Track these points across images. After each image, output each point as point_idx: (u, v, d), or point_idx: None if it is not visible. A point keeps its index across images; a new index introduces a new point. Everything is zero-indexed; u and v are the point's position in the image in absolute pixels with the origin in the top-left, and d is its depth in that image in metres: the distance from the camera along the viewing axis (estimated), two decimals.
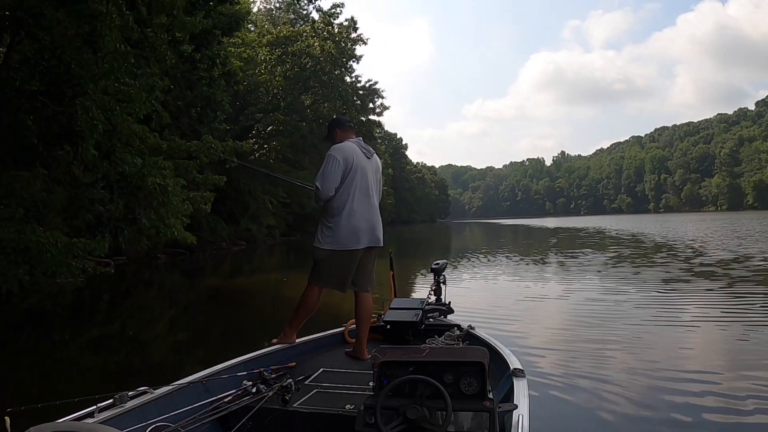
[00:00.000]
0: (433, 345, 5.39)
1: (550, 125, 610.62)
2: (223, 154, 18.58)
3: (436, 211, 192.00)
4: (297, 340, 5.71)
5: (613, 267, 19.99)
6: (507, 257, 26.59)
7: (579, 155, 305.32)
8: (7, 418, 2.62)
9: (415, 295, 7.56)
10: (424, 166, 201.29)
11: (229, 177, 24.95)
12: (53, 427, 2.46)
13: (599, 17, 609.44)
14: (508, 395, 4.00)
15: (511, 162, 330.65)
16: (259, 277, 23.22)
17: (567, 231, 59.61)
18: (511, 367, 4.38)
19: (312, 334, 6.11)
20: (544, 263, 23.87)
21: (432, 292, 7.23)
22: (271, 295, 17.30)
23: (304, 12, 61.88)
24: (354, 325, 5.84)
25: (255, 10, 50.95)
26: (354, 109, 53.45)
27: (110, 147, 16.43)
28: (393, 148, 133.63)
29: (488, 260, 24.73)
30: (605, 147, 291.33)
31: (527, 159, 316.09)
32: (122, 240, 19.35)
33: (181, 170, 18.51)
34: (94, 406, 3.39)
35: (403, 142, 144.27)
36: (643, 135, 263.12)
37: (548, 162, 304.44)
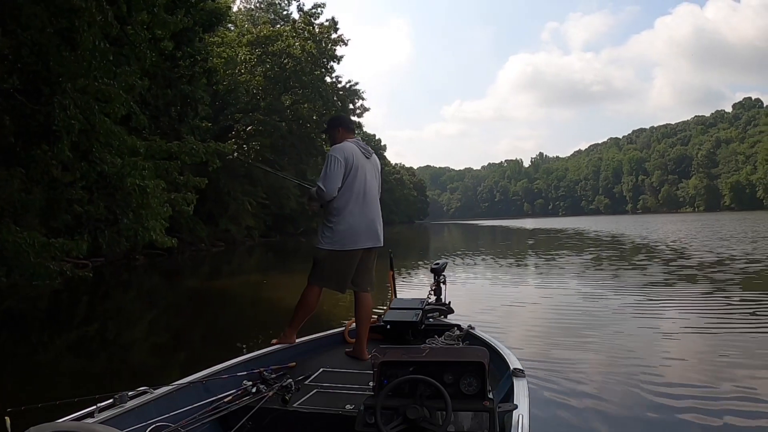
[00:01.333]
0: (433, 345, 5.40)
1: (529, 126, 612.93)
2: (205, 155, 18.27)
3: (414, 212, 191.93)
4: (297, 340, 5.73)
5: (604, 268, 19.92)
6: (488, 258, 26.55)
7: (557, 156, 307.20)
8: (7, 418, 2.63)
9: (415, 295, 7.62)
10: (402, 167, 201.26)
11: (209, 177, 24.70)
12: (53, 427, 2.47)
13: (578, 19, 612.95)
14: (508, 395, 4.02)
15: (489, 163, 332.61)
16: (239, 279, 23.04)
17: (546, 232, 59.62)
18: (511, 367, 4.40)
19: (312, 334, 6.14)
20: (531, 264, 23.91)
21: (432, 292, 7.23)
22: (252, 297, 17.12)
23: (284, 12, 61.81)
24: (354, 325, 5.85)
25: (235, 9, 50.67)
26: (334, 110, 53.26)
27: (88, 147, 16.13)
28: (372, 149, 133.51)
29: (473, 261, 24.62)
30: (583, 148, 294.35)
31: (505, 160, 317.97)
32: (102, 241, 19.02)
33: (161, 171, 18.18)
34: (94, 406, 3.41)
35: (382, 143, 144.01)
36: (620, 137, 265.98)
37: (526, 163, 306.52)
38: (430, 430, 3.17)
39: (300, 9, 51.95)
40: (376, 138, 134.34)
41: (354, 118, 57.40)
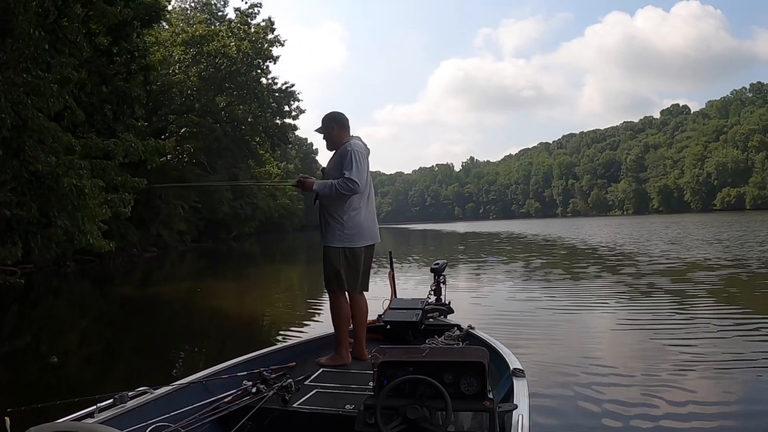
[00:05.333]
0: (433, 345, 5.46)
1: (460, 131, 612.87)
2: (144, 153, 17.45)
3: None
4: (297, 341, 5.92)
5: (564, 271, 19.96)
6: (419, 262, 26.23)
7: (488, 161, 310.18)
8: (7, 419, 2.63)
9: (415, 295, 7.64)
10: None
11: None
12: (53, 427, 2.47)
13: (511, 25, 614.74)
14: (508, 395, 4.05)
15: (420, 167, 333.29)
16: (172, 287, 22.27)
17: (478, 236, 59.19)
18: (511, 367, 4.42)
19: (312, 334, 6.30)
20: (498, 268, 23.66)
21: (432, 292, 7.28)
22: (187, 305, 16.58)
23: (220, 13, 60.93)
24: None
25: (170, 8, 49.41)
26: (269, 111, 52.52)
27: (20, 144, 15.12)
28: (303, 152, 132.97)
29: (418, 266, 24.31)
30: (514, 153, 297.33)
31: (436, 164, 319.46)
32: (35, 246, 17.88)
33: (98, 170, 17.24)
34: (94, 406, 3.42)
35: (314, 147, 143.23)
36: (551, 141, 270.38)
37: (457, 167, 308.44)
38: (430, 430, 3.19)
39: (237, 9, 51.21)
40: (309, 142, 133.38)
41: (289, 120, 56.62)
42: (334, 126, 5.77)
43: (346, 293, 5.72)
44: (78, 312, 16.50)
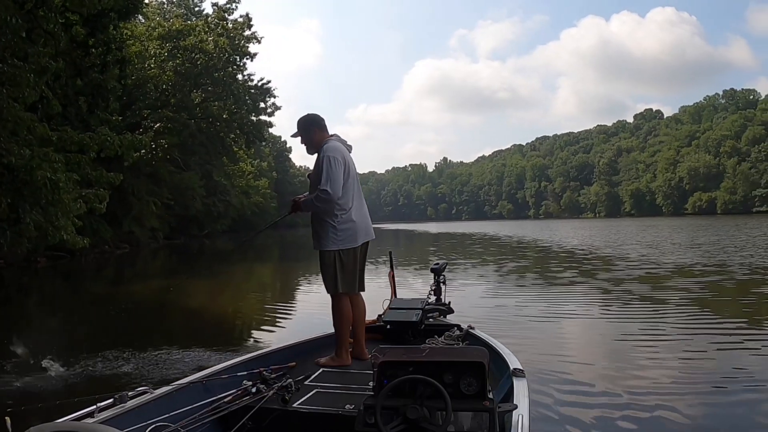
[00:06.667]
0: (433, 345, 5.47)
1: (434, 131, 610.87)
2: (120, 148, 17.06)
3: None
4: (297, 341, 5.91)
5: (560, 272, 20.00)
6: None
7: (461, 162, 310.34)
8: (7, 418, 2.60)
9: (414, 295, 7.88)
10: (307, 169, 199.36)
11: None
12: (53, 427, 2.50)
13: (487, 27, 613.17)
14: (508, 395, 4.07)
15: (393, 167, 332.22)
16: (145, 284, 21.88)
17: (452, 237, 59.15)
18: (511, 367, 4.44)
19: (312, 334, 6.25)
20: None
21: (432, 292, 7.34)
22: (161, 304, 16.16)
23: (196, 9, 60.50)
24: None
25: (147, 1, 48.80)
26: (245, 108, 52.13)
27: None
28: (277, 151, 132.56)
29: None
30: (487, 154, 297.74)
31: (410, 164, 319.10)
32: (4, 242, 17.40)
33: (73, 164, 16.83)
34: (94, 406, 3.42)
35: (287, 145, 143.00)
36: (524, 143, 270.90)
37: (431, 168, 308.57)
38: (430, 430, 3.22)
39: (214, 4, 50.79)
40: (282, 140, 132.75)
41: (265, 117, 56.12)
42: (314, 129, 5.78)
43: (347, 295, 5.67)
44: (50, 309, 16.13)
